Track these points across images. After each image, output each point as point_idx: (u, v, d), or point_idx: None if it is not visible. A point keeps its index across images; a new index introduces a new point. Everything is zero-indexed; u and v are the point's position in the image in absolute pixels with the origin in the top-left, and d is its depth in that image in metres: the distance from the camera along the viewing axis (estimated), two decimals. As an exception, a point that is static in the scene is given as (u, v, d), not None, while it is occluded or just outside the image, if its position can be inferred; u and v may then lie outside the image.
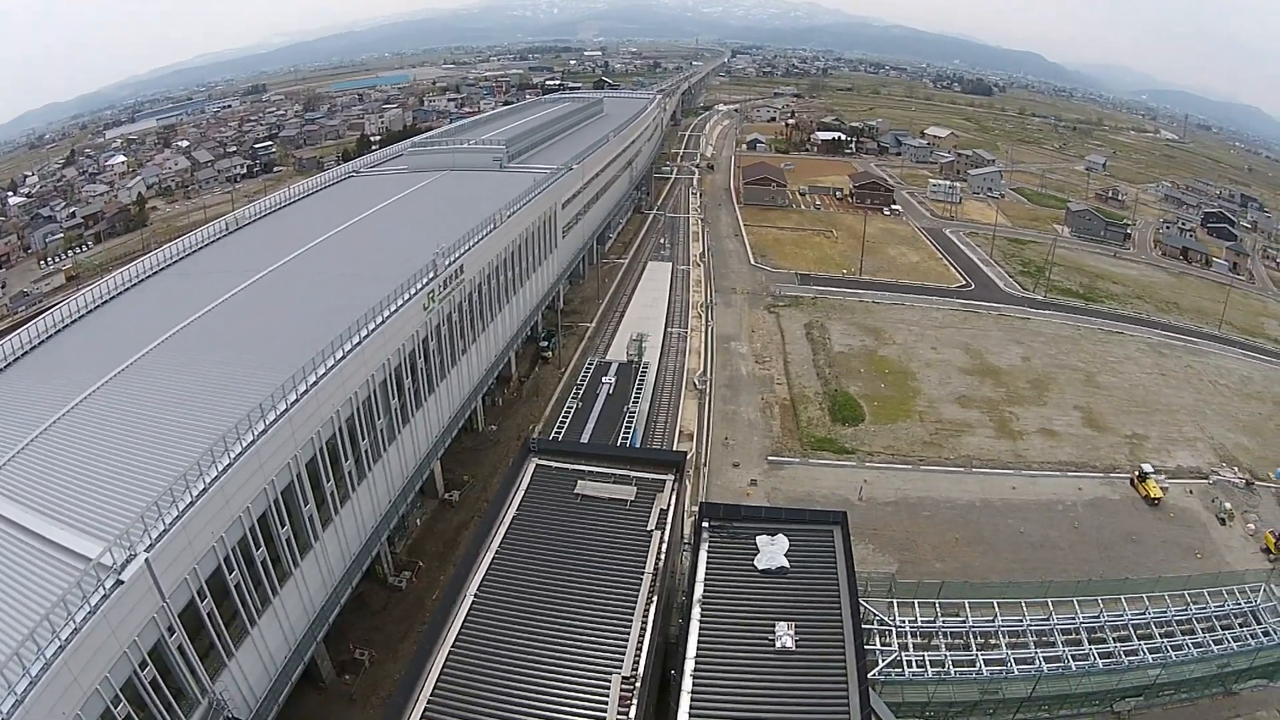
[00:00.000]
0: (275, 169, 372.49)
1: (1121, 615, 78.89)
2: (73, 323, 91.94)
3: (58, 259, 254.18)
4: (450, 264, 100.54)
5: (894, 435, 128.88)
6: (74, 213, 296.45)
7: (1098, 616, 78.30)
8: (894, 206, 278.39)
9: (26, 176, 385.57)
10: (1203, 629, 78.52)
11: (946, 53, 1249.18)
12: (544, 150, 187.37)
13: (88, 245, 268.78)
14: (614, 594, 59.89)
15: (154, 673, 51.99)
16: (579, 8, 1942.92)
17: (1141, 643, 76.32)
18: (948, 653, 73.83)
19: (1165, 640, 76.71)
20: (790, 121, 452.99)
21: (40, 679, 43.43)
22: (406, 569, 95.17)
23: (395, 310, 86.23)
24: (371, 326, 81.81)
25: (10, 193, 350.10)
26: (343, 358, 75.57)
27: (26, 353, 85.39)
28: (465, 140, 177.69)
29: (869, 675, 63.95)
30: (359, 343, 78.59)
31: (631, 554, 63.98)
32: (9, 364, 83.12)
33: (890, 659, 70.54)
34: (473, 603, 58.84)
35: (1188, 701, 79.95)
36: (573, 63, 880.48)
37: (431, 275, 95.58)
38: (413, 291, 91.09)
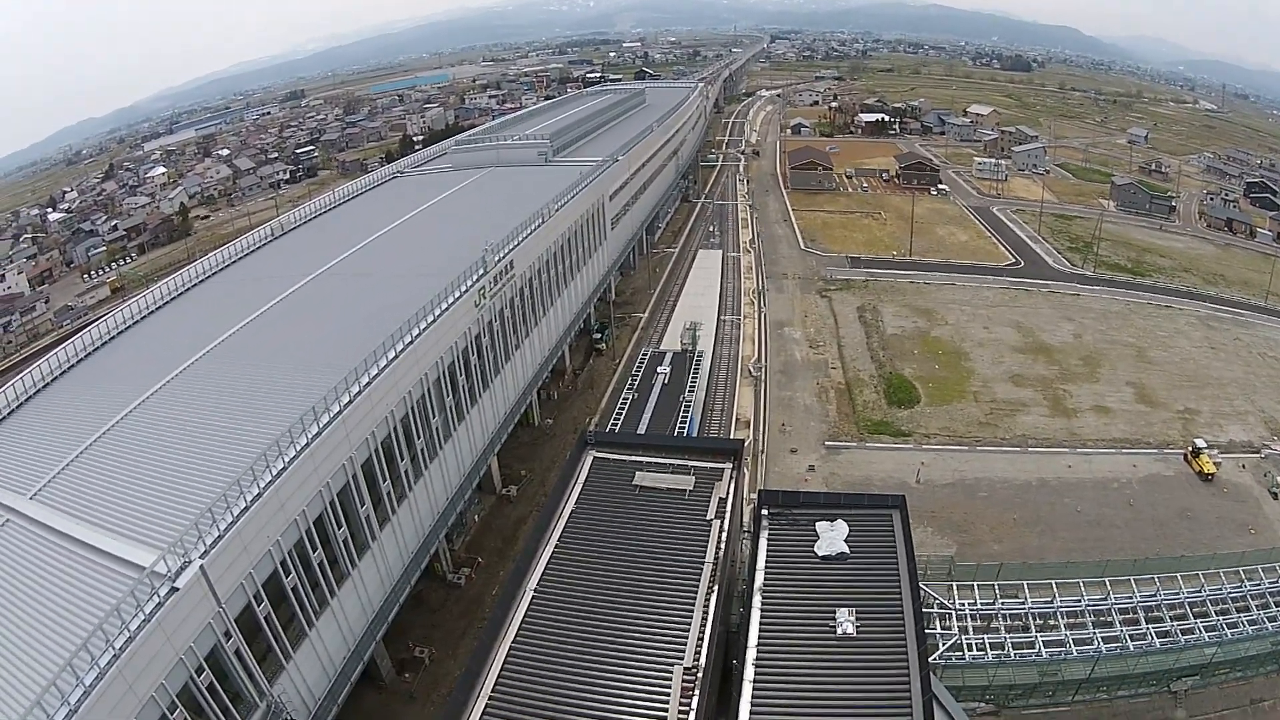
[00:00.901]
0: (318, 173, 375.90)
1: (1177, 593, 77.61)
2: (121, 333, 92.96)
3: (101, 272, 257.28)
4: (500, 260, 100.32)
5: (949, 416, 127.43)
6: (116, 225, 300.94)
7: (1154, 595, 77.10)
8: (940, 186, 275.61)
9: (66, 192, 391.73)
10: (1257, 605, 77.01)
11: (983, 30, 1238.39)
12: (588, 143, 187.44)
13: (131, 257, 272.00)
14: (674, 585, 59.04)
15: (210, 678, 51.86)
16: (613, 0, 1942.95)
17: (1197, 621, 75.07)
18: (1007, 635, 73.01)
19: (1220, 618, 75.54)
20: (833, 104, 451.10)
21: (95, 688, 43.41)
22: (465, 566, 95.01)
23: (446, 308, 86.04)
24: (423, 325, 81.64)
25: (50, 209, 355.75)
26: (395, 357, 75.46)
27: (75, 365, 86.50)
28: (509, 136, 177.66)
29: (930, 660, 63.16)
30: (411, 342, 78.43)
31: (691, 544, 63.09)
32: (58, 376, 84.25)
33: (950, 643, 69.53)
34: (532, 598, 58.11)
35: (1243, 680, 78.56)
36: (612, 55, 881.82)
37: (482, 272, 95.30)
38: (464, 289, 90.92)
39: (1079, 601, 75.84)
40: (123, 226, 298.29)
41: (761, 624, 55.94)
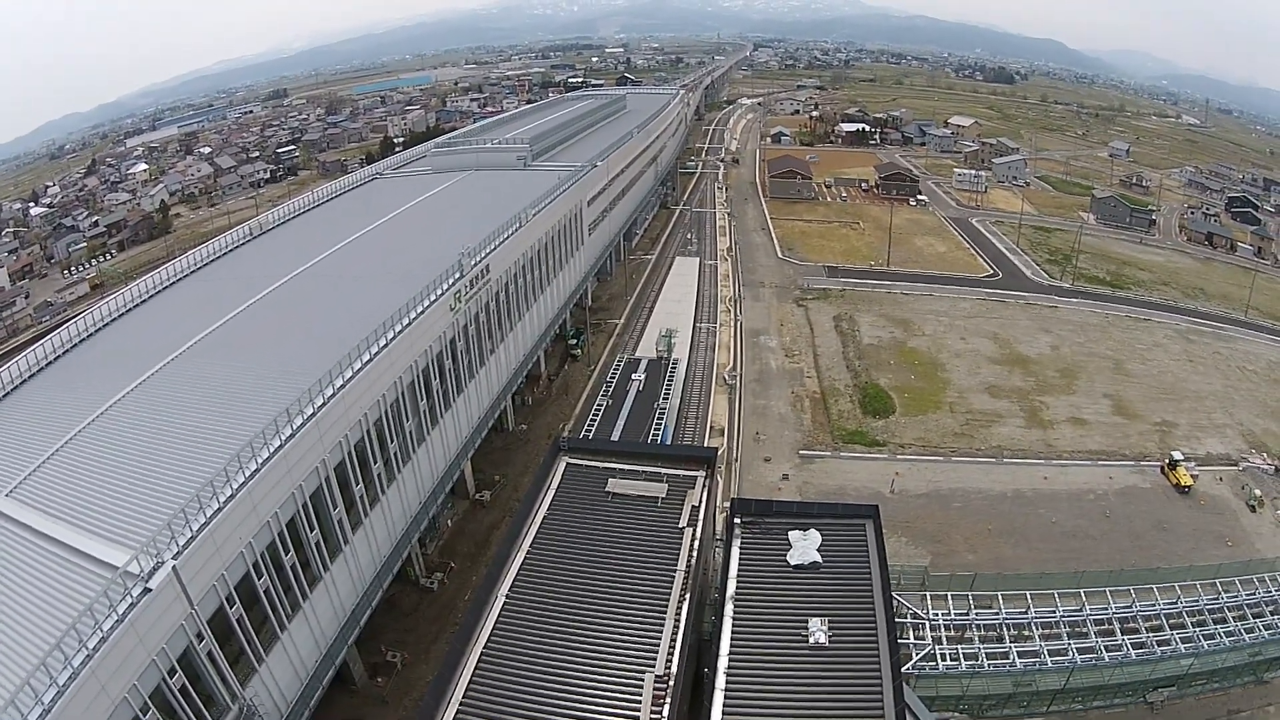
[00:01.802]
0: (299, 173, 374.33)
1: (1154, 605, 78.30)
2: (97, 331, 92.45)
3: (81, 268, 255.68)
4: (476, 264, 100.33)
5: (925, 427, 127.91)
6: (97, 221, 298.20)
7: (1130, 606, 77.79)
8: (920, 197, 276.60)
9: (48, 187, 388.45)
10: (1234, 617, 77.90)
11: (968, 42, 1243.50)
12: (568, 148, 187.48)
13: (111, 254, 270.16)
14: (646, 592, 59.42)
15: (183, 680, 51.90)
16: (599, 5, 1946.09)
17: (1174, 632, 75.71)
18: (981, 645, 73.25)
19: (1197, 629, 76.12)
20: (814, 114, 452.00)
21: (68, 688, 43.47)
22: (438, 570, 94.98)
23: (421, 312, 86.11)
24: (398, 329, 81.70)
25: (32, 203, 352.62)
26: (370, 360, 75.59)
27: (51, 362, 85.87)
28: (489, 140, 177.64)
29: (903, 669, 63.52)
30: (385, 345, 78.56)
31: (663, 552, 63.48)
32: (34, 373, 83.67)
33: (924, 653, 70.13)
34: (504, 603, 58.47)
35: (1220, 691, 79.45)
36: (595, 60, 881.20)
37: (458, 276, 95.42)
38: (439, 293, 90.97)
39: (1053, 613, 76.46)
40: (103, 223, 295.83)
41: (734, 632, 56.60)
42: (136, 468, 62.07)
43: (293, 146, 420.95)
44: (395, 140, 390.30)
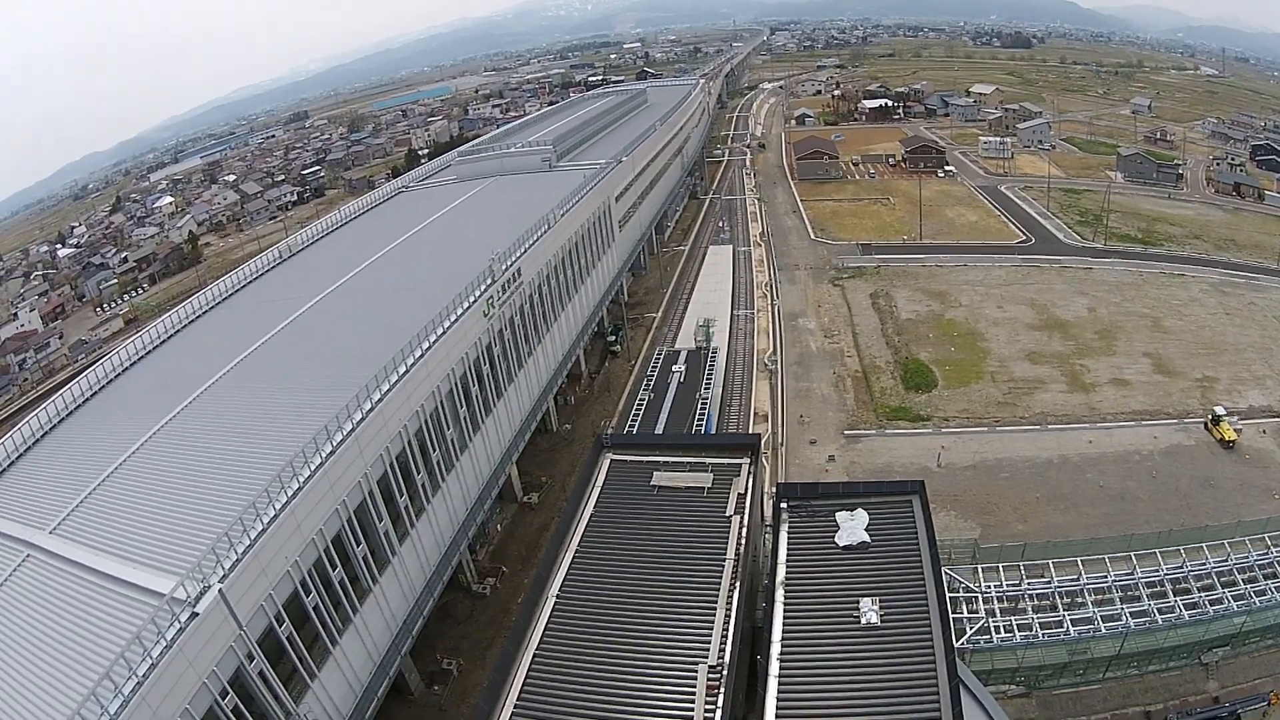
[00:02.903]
0: (326, 193, 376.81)
1: (1204, 564, 76.69)
2: (135, 363, 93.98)
3: (114, 304, 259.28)
4: (507, 269, 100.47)
5: (967, 398, 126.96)
6: (126, 257, 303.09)
7: (1181, 567, 76.37)
8: (947, 168, 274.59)
9: (74, 227, 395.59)
10: None
11: (981, 9, 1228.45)
12: (592, 146, 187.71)
13: (143, 288, 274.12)
14: (696, 584, 58.80)
15: (235, 700, 52.30)
16: (612, 2, 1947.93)
17: (1225, 591, 74.12)
18: (1034, 615, 72.50)
19: (1249, 586, 74.42)
20: (836, 93, 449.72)
21: (120, 715, 43.77)
22: (490, 575, 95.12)
23: (455, 320, 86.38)
24: (433, 339, 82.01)
25: (59, 245, 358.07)
26: (406, 372, 75.83)
27: (91, 397, 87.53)
28: (512, 144, 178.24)
29: (957, 644, 62.71)
30: (421, 355, 78.83)
31: (711, 542, 62.83)
32: (74, 410, 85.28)
33: (978, 626, 69.81)
34: (555, 604, 58.03)
35: (1275, 648, 77.99)
36: (613, 57, 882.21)
37: (490, 281, 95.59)
38: (471, 300, 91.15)
39: (1105, 578, 75.22)
40: (133, 258, 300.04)
41: (785, 618, 55.63)
42: (179, 496, 62.57)
43: (318, 167, 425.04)
44: (420, 152, 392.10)
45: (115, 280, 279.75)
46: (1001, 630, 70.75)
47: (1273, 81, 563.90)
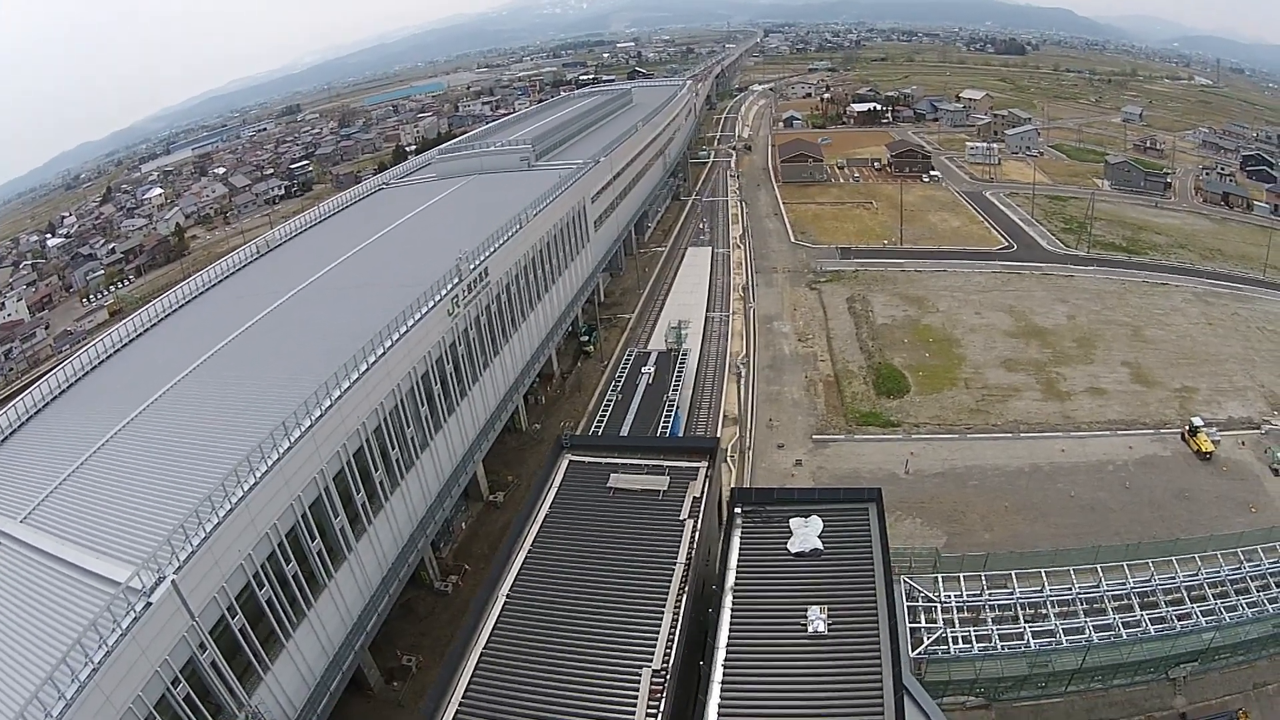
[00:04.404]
0: (313, 187, 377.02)
1: (1173, 577, 76.29)
2: (112, 355, 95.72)
3: (99, 296, 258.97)
4: (474, 268, 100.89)
5: (940, 405, 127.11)
6: (113, 248, 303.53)
7: (1149, 580, 75.92)
8: (933, 172, 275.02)
9: (64, 217, 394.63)
10: (1257, 586, 75.42)
11: (977, 15, 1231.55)
12: (573, 145, 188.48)
13: (129, 279, 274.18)
14: (646, 586, 59.46)
15: (187, 689, 53.24)
16: (608, 2, 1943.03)
17: (1194, 605, 73.53)
18: (994, 627, 71.95)
19: (1219, 601, 73.98)
20: (825, 96, 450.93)
21: (75, 700, 44.97)
22: (453, 573, 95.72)
23: (417, 319, 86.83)
24: (394, 338, 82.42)
25: (49, 235, 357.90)
26: (366, 370, 76.36)
27: (67, 389, 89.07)
28: (492, 142, 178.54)
29: (913, 654, 63.33)
30: (381, 354, 79.37)
31: (664, 545, 63.45)
32: (49, 402, 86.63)
33: (935, 636, 69.47)
34: (505, 602, 58.76)
35: (1245, 664, 77.72)
36: (606, 56, 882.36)
37: (456, 281, 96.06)
38: (436, 299, 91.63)
39: (1069, 590, 74.99)
40: (120, 249, 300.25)
41: (732, 624, 56.20)
42: (143, 488, 63.77)
43: (306, 162, 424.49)
44: (408, 148, 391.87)
45: (102, 271, 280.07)
46: (959, 641, 70.19)
47: (1267, 93, 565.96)
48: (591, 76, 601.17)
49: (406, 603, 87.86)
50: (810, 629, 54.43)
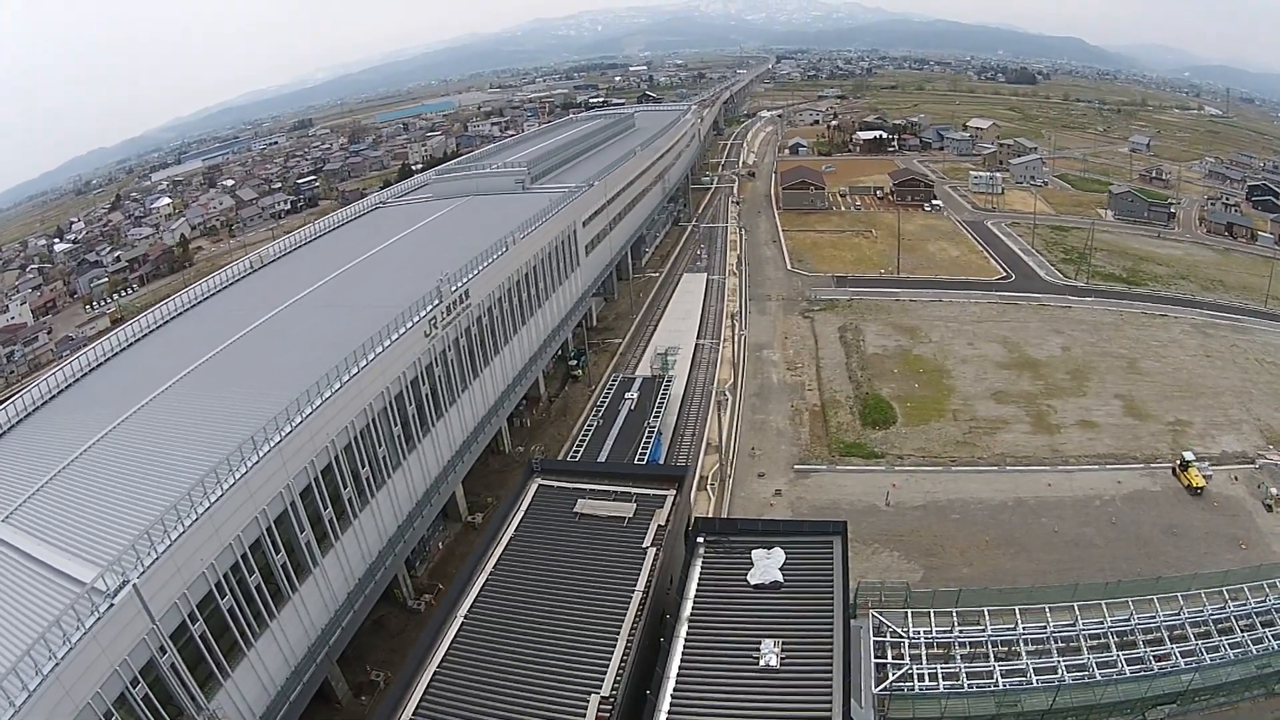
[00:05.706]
0: (319, 203, 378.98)
1: (1153, 617, 74.39)
2: (106, 362, 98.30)
3: (103, 303, 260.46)
4: (455, 290, 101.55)
5: (926, 436, 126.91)
6: (119, 256, 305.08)
7: (1128, 619, 73.99)
8: (935, 202, 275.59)
9: (73, 222, 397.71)
10: (1242, 627, 73.83)
11: (989, 44, 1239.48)
12: (570, 169, 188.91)
13: (133, 288, 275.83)
14: (602, 613, 60.23)
15: (146, 689, 54.62)
16: (623, 24, 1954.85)
17: (1174, 646, 71.86)
18: (962, 664, 70.16)
19: (1200, 642, 72.25)
20: (832, 123, 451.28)
21: (36, 691, 46.78)
22: (427, 592, 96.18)
23: (393, 341, 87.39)
24: (370, 357, 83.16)
25: (57, 239, 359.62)
26: (337, 389, 77.15)
27: (59, 393, 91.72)
28: (489, 164, 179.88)
29: (875, 690, 63.31)
30: (356, 373, 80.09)
31: (624, 572, 64.20)
32: (39, 406, 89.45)
33: (900, 673, 67.68)
34: (461, 625, 59.62)
35: (1227, 705, 75.44)
36: (618, 79, 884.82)
37: (436, 302, 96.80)
38: (413, 320, 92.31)
39: (1044, 628, 73.25)
40: (125, 257, 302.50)
41: (684, 655, 56.75)
42: (118, 495, 65.61)
43: (313, 177, 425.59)
44: (414, 167, 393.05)
45: (107, 279, 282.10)
46: (925, 678, 68.44)
47: (1276, 122, 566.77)
48: (601, 99, 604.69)
49: (379, 619, 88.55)
50: (762, 663, 54.81)
